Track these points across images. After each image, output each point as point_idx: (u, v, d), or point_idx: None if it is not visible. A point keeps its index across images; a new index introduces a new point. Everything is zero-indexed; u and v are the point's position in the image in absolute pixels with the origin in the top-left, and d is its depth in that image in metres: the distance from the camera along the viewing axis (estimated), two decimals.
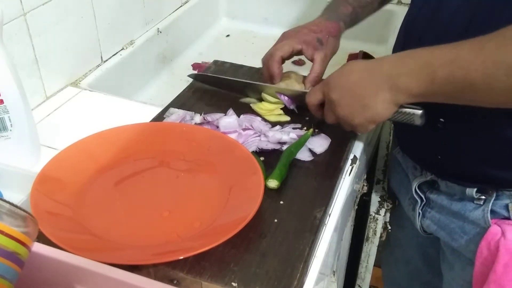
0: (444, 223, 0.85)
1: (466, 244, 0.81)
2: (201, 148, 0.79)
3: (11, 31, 0.85)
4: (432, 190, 0.86)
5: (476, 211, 0.78)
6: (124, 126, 0.82)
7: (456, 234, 0.83)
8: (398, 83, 0.66)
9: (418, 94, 0.66)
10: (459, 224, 0.82)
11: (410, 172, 0.90)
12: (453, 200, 0.82)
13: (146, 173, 0.77)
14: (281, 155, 0.77)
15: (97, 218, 0.68)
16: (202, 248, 0.60)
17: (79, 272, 0.54)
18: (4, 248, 0.47)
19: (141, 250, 0.64)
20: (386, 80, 0.67)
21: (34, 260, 0.54)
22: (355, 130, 0.76)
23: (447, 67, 0.62)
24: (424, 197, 0.88)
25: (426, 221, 0.88)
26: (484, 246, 0.76)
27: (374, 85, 0.69)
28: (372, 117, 0.71)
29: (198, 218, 0.68)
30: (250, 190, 0.69)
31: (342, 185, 0.79)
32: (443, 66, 0.62)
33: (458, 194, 0.81)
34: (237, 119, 0.84)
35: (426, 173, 0.85)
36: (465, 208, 0.80)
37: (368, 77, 0.70)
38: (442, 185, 0.83)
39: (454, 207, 0.82)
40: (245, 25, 1.49)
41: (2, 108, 0.73)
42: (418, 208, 0.89)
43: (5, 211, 0.48)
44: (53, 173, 0.72)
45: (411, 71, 0.65)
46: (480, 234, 0.78)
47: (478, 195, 0.77)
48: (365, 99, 0.70)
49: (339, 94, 0.73)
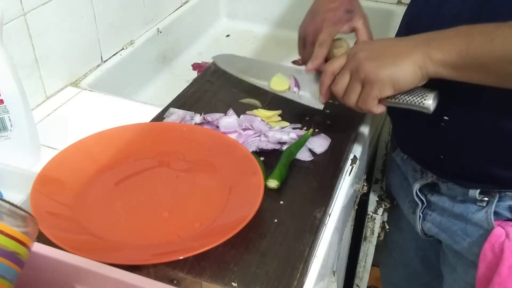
0: (445, 226, 0.84)
1: (469, 247, 0.81)
2: (201, 148, 0.79)
3: (11, 31, 0.85)
4: (433, 192, 0.85)
5: (479, 213, 0.78)
6: (124, 126, 0.82)
7: (458, 236, 0.82)
8: (432, 47, 0.65)
9: (449, 62, 0.64)
10: (461, 226, 0.81)
11: (410, 175, 0.90)
12: (455, 202, 0.81)
13: (146, 173, 0.77)
14: (281, 155, 0.77)
15: (97, 218, 0.68)
16: (202, 248, 0.60)
17: (79, 272, 0.54)
18: (4, 248, 0.47)
19: (141, 250, 0.64)
20: (421, 43, 0.66)
21: (34, 260, 0.54)
22: (365, 96, 0.71)
23: (486, 35, 0.61)
24: (425, 200, 0.87)
25: (427, 224, 0.88)
26: (488, 248, 0.76)
27: (409, 46, 0.67)
28: (397, 76, 0.67)
29: (198, 218, 0.68)
30: (250, 190, 0.69)
31: (342, 185, 0.79)
32: (482, 34, 0.62)
33: (460, 195, 0.80)
34: (237, 119, 0.84)
35: (427, 175, 0.85)
36: (468, 210, 0.79)
37: (404, 40, 0.69)
38: (443, 187, 0.83)
39: (456, 209, 0.81)
40: (245, 25, 1.49)
41: (2, 108, 0.73)
42: (419, 211, 0.88)
43: (5, 211, 0.48)
44: (53, 173, 0.72)
45: (447, 36, 0.65)
46: (483, 236, 0.77)
47: (481, 197, 0.77)
48: (398, 54, 0.67)
49: (370, 51, 0.71)
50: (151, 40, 1.23)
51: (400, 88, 0.68)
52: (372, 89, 0.69)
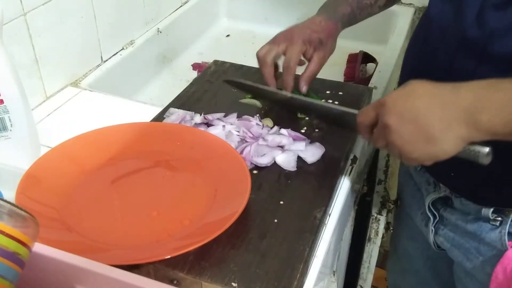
0: (458, 242, 0.82)
1: (482, 266, 0.79)
2: (185, 147, 0.79)
3: (11, 31, 0.85)
4: (446, 207, 0.83)
5: (492, 233, 0.76)
6: (108, 127, 0.82)
7: (471, 254, 0.80)
8: (479, 119, 0.56)
9: (501, 133, 0.57)
10: (474, 245, 0.80)
11: (423, 187, 0.87)
12: (468, 220, 0.79)
13: (132, 174, 0.77)
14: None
15: (84, 219, 0.68)
16: (193, 246, 0.60)
17: (79, 272, 0.54)
18: (4, 248, 0.47)
19: (130, 250, 0.64)
20: (464, 115, 0.57)
21: (35, 260, 0.53)
22: (406, 162, 0.64)
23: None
24: (437, 215, 0.85)
25: (440, 238, 0.86)
26: (499, 271, 0.74)
27: (447, 118, 0.57)
28: (436, 153, 0.60)
29: (187, 216, 0.68)
30: (237, 186, 0.70)
31: (342, 185, 0.79)
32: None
33: (473, 213, 0.78)
34: (224, 130, 0.82)
35: (440, 189, 0.83)
36: (481, 229, 0.77)
37: (439, 107, 0.58)
38: (456, 202, 0.81)
39: (469, 227, 0.79)
40: (245, 25, 1.49)
41: (2, 108, 0.73)
42: (431, 225, 0.86)
43: (6, 211, 0.48)
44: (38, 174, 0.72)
45: (497, 106, 0.56)
46: (496, 256, 0.75)
47: (494, 216, 0.75)
48: (433, 131, 0.58)
49: (398, 120, 0.60)
50: (151, 40, 1.23)
51: (443, 158, 0.61)
52: (410, 162, 0.63)
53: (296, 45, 0.84)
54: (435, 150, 0.59)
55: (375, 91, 1.02)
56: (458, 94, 0.58)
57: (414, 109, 0.59)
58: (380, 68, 1.14)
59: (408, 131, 0.60)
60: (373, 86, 1.04)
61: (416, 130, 0.59)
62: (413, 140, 0.60)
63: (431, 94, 0.59)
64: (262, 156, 0.78)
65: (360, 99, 0.92)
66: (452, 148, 0.59)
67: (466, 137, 0.58)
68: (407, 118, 0.59)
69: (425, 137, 0.59)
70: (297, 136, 0.82)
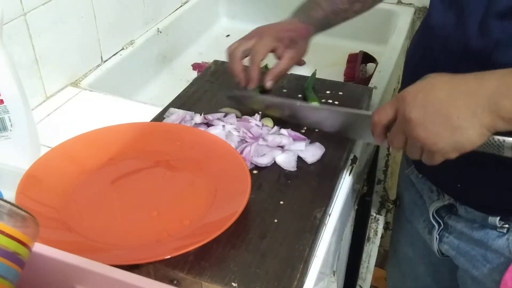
0: (464, 250, 0.81)
1: (489, 273, 0.78)
2: (185, 147, 0.79)
3: (11, 31, 0.85)
4: (451, 215, 0.82)
5: (499, 240, 0.75)
6: (108, 127, 0.82)
7: (478, 262, 0.79)
8: (503, 106, 0.55)
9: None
10: (481, 252, 0.78)
11: (425, 194, 0.86)
12: (473, 227, 0.78)
13: (132, 174, 0.77)
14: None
15: (84, 220, 0.68)
16: (193, 246, 0.60)
17: (79, 272, 0.54)
18: (4, 248, 0.47)
19: (130, 250, 0.64)
20: (488, 102, 0.56)
21: (35, 260, 0.54)
22: (428, 158, 0.62)
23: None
24: (441, 222, 0.83)
25: (444, 245, 0.84)
26: (508, 278, 0.73)
27: (471, 106, 0.57)
28: (461, 143, 0.58)
29: (187, 216, 0.68)
30: (237, 186, 0.70)
31: (342, 185, 0.79)
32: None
33: (479, 220, 0.77)
34: (223, 130, 0.82)
35: (444, 197, 0.81)
36: (488, 236, 0.76)
37: (462, 95, 0.58)
38: (461, 210, 0.79)
39: (475, 234, 0.78)
40: (245, 25, 1.48)
41: (2, 108, 0.73)
42: (435, 233, 0.85)
43: (6, 211, 0.48)
44: (37, 174, 0.72)
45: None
46: (504, 264, 0.75)
47: (501, 223, 0.74)
48: (457, 120, 0.57)
49: (422, 112, 0.59)
50: (151, 40, 1.23)
51: (468, 149, 0.60)
52: (434, 157, 0.61)
53: (265, 40, 0.84)
54: (461, 140, 0.58)
55: (375, 91, 1.02)
56: (482, 81, 0.58)
57: (436, 100, 0.58)
58: (380, 68, 1.14)
59: (432, 122, 0.59)
60: (373, 86, 1.04)
61: (440, 121, 0.58)
62: (438, 131, 0.59)
63: (452, 84, 0.59)
64: (262, 156, 0.78)
65: (360, 99, 0.93)
66: (477, 138, 0.58)
67: (490, 126, 0.57)
68: (431, 110, 0.59)
69: (450, 127, 0.58)
70: (297, 136, 0.82)
